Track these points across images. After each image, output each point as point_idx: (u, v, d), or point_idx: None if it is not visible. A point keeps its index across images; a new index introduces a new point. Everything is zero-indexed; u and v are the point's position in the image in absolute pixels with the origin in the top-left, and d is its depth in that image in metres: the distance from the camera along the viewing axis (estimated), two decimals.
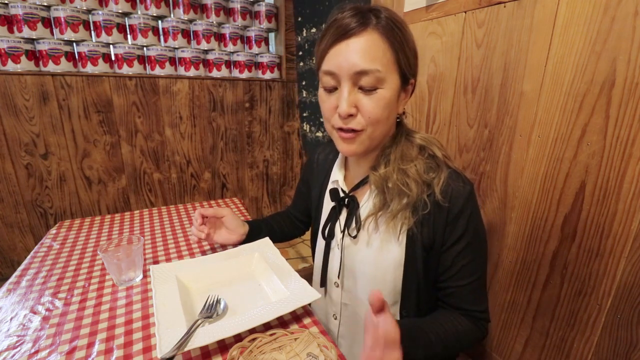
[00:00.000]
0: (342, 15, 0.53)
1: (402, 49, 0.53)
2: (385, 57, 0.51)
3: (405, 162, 0.58)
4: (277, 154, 2.20)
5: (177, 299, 0.57)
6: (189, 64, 1.78)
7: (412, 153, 0.59)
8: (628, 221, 0.73)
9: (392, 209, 0.57)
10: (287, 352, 0.49)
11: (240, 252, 0.73)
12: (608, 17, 0.72)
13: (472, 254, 0.58)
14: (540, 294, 0.94)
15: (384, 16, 0.52)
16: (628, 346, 0.77)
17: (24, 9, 1.42)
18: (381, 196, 0.59)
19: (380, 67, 0.51)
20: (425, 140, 0.61)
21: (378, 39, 0.51)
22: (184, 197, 1.94)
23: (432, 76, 1.17)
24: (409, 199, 0.56)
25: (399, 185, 0.56)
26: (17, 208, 1.54)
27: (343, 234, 0.65)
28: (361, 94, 0.53)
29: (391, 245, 0.60)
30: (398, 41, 0.52)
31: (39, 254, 0.79)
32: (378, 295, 0.42)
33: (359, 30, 0.51)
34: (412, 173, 0.56)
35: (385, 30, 0.51)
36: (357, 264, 0.64)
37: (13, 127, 1.46)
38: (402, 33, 0.53)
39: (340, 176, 0.69)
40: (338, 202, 0.66)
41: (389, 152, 0.60)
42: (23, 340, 0.53)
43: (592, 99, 0.76)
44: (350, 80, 0.52)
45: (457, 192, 0.56)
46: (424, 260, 0.59)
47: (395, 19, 0.53)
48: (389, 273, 0.60)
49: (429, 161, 0.59)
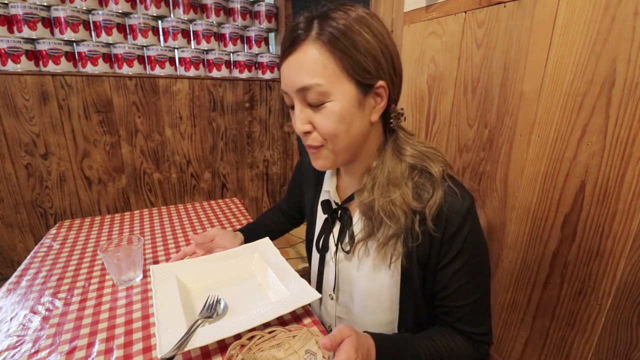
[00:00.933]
0: (290, 26, 0.51)
1: (348, 55, 0.47)
2: (327, 69, 0.47)
3: (391, 188, 0.53)
4: (277, 154, 2.20)
5: (177, 299, 0.57)
6: (189, 64, 1.78)
7: (399, 174, 0.53)
8: (628, 221, 0.73)
9: (380, 238, 0.54)
10: (285, 350, 0.49)
11: (240, 252, 0.73)
12: (608, 17, 0.72)
13: (470, 274, 0.54)
14: (540, 294, 0.94)
15: (328, 23, 0.47)
16: (628, 346, 0.77)
17: (24, 9, 1.42)
18: (368, 222, 0.56)
19: (321, 80, 0.47)
20: (418, 157, 0.55)
21: (316, 51, 0.47)
22: (184, 197, 1.94)
23: (432, 76, 1.17)
24: (395, 230, 0.52)
25: (382, 217, 0.52)
26: (17, 208, 1.54)
27: (337, 248, 0.63)
28: (312, 110, 0.51)
29: (383, 270, 0.57)
30: (341, 48, 0.47)
31: (39, 254, 0.79)
32: (325, 344, 0.41)
33: (296, 46, 0.48)
34: (399, 201, 0.51)
35: (327, 39, 0.47)
36: (352, 279, 0.62)
37: (13, 127, 1.46)
38: (348, 38, 0.47)
39: (332, 185, 0.66)
40: (330, 214, 0.64)
41: (375, 174, 0.55)
42: (23, 340, 0.53)
43: (592, 99, 0.76)
44: (298, 98, 0.50)
45: (455, 210, 0.51)
46: (421, 278, 0.56)
47: (342, 23, 0.47)
48: (384, 290, 0.58)
49: (422, 180, 0.53)
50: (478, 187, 1.06)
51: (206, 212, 1.06)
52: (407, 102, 1.30)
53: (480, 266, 0.55)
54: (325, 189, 0.68)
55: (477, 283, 0.54)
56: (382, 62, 0.50)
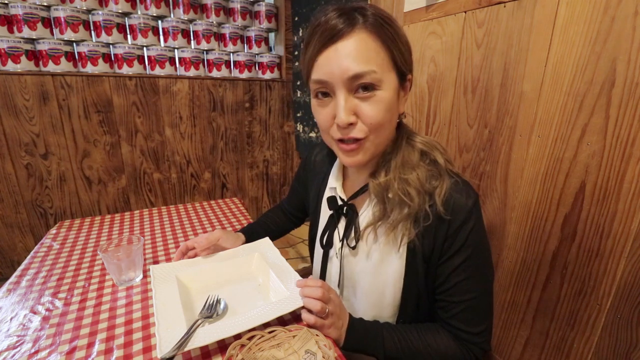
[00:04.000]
0: (325, 18, 0.49)
1: (395, 44, 0.49)
2: (379, 57, 0.48)
3: (406, 170, 0.54)
4: (277, 154, 2.20)
5: (177, 299, 0.57)
6: (189, 64, 1.78)
7: (414, 159, 0.55)
8: (628, 221, 0.73)
9: (392, 220, 0.54)
10: (285, 349, 0.49)
11: (240, 252, 0.73)
12: (608, 17, 0.72)
13: (470, 271, 0.54)
14: (540, 294, 0.94)
15: (370, 13, 0.49)
16: (628, 346, 0.77)
17: (24, 9, 1.42)
18: (381, 206, 0.56)
19: (376, 67, 0.48)
20: (426, 144, 0.57)
21: (368, 38, 0.48)
22: (184, 197, 1.94)
23: (432, 76, 1.17)
24: (410, 210, 0.53)
25: (400, 195, 0.53)
26: (17, 208, 1.54)
27: (342, 244, 0.63)
28: (359, 100, 0.49)
29: (391, 257, 0.57)
30: (390, 37, 0.49)
31: (39, 254, 0.79)
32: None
33: (347, 32, 0.47)
34: (414, 181, 0.53)
35: (374, 27, 0.48)
36: (356, 275, 0.63)
37: (13, 127, 1.46)
38: (393, 28, 0.49)
39: (338, 183, 0.66)
40: (336, 210, 0.64)
41: (390, 159, 0.56)
42: (23, 340, 0.53)
43: (592, 99, 0.76)
44: (345, 87, 0.49)
45: (460, 205, 0.52)
46: (424, 272, 0.57)
47: (383, 14, 0.50)
48: (388, 285, 0.59)
49: (431, 168, 0.55)
50: (478, 187, 1.06)
51: (206, 212, 1.06)
52: (407, 102, 1.30)
53: (482, 266, 0.55)
54: (330, 186, 0.68)
55: (476, 281, 0.54)
56: (411, 56, 0.54)
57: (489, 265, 0.57)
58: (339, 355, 0.49)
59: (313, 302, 0.52)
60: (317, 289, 0.53)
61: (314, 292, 0.53)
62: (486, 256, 0.56)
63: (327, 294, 0.54)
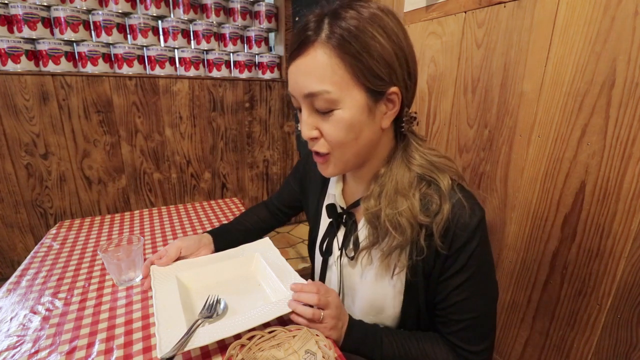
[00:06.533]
0: (298, 27, 0.48)
1: (360, 60, 0.44)
2: (337, 75, 0.45)
3: (399, 198, 0.50)
4: (277, 154, 2.20)
5: (177, 299, 0.57)
6: (189, 64, 1.78)
7: (408, 184, 0.51)
8: (628, 221, 0.73)
9: (384, 248, 0.53)
10: (285, 349, 0.49)
11: (240, 252, 0.73)
12: (608, 17, 0.72)
13: (470, 291, 0.52)
14: (540, 294, 0.94)
15: (340, 23, 0.44)
16: (628, 346, 0.77)
17: (24, 9, 1.42)
18: (373, 230, 0.54)
19: (330, 87, 0.45)
20: (427, 167, 0.52)
21: (325, 55, 0.44)
22: (184, 197, 1.94)
23: (432, 76, 1.17)
24: (400, 242, 0.50)
25: (389, 226, 0.50)
26: (17, 208, 1.54)
27: (341, 253, 0.62)
28: (319, 117, 0.48)
29: (386, 280, 0.56)
30: (352, 53, 0.44)
31: (39, 254, 0.79)
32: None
33: (305, 49, 0.46)
34: (406, 212, 0.49)
35: (337, 42, 0.44)
36: (355, 285, 0.62)
37: (13, 127, 1.46)
38: (359, 41, 0.44)
39: (338, 189, 0.64)
40: (335, 218, 0.63)
41: (382, 182, 0.53)
42: (23, 340, 0.53)
43: (592, 99, 0.76)
44: (305, 103, 0.48)
45: (461, 227, 0.49)
46: (424, 288, 0.55)
47: (352, 26, 0.44)
48: (388, 299, 0.58)
49: (430, 191, 0.51)
50: (478, 187, 1.06)
51: (206, 212, 1.06)
52: None
53: (484, 286, 0.53)
54: (330, 192, 0.67)
55: (476, 301, 0.52)
56: (396, 67, 0.47)
57: (492, 284, 0.55)
58: (339, 356, 0.49)
59: (304, 309, 0.52)
60: (313, 296, 0.52)
61: (310, 298, 0.52)
62: (489, 276, 0.54)
63: (323, 298, 0.52)
